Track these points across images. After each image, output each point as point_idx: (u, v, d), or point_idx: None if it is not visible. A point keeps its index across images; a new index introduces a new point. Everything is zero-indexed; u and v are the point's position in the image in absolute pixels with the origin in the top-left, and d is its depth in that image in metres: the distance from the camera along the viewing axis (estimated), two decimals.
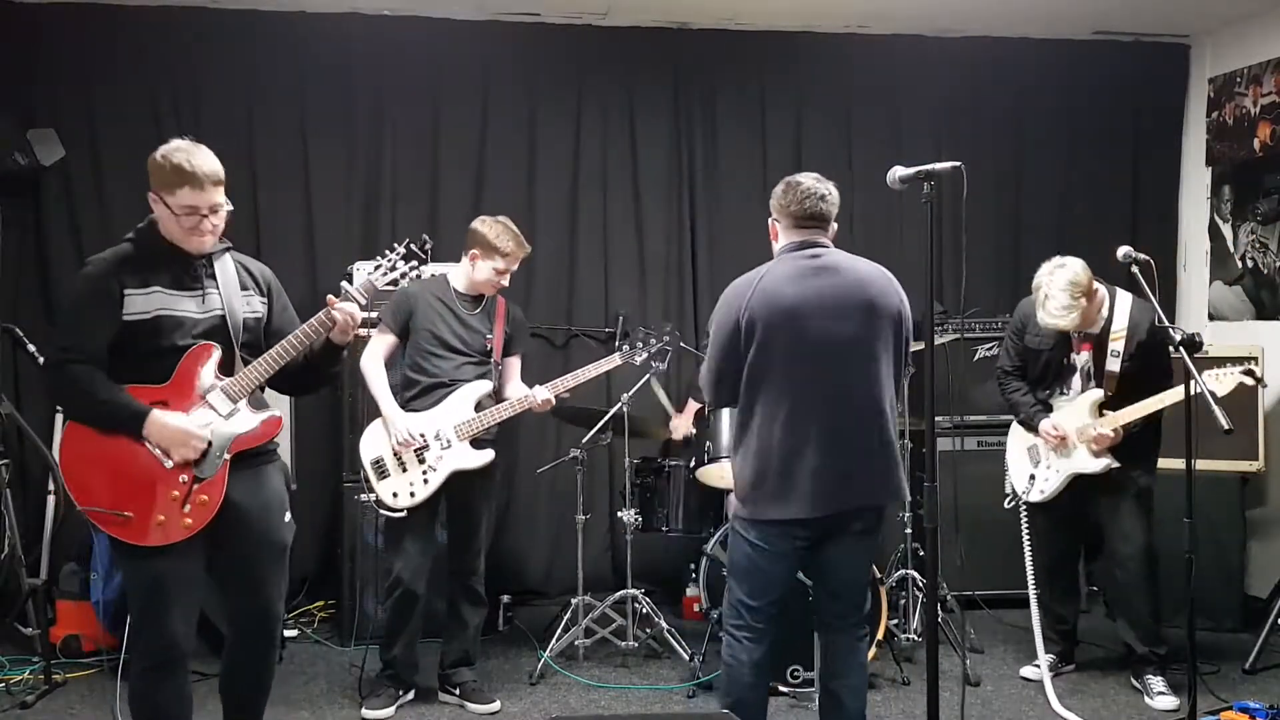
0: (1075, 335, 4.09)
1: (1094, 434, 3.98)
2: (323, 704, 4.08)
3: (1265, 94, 5.35)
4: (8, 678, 4.23)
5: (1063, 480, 4.10)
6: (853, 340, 3.00)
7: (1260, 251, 5.41)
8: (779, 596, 3.14)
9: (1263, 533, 5.14)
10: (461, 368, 3.94)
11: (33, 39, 5.06)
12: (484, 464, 3.95)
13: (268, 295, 3.02)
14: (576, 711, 4.02)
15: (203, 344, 2.81)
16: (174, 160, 2.74)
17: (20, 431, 4.75)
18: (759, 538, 3.08)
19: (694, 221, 5.66)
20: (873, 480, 3.04)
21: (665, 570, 5.48)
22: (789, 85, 5.69)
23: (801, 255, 3.06)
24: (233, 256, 2.97)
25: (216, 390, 2.82)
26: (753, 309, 2.99)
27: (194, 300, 2.82)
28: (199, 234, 2.79)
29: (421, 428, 3.87)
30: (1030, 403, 4.21)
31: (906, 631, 4.54)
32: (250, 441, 2.88)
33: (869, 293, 3.02)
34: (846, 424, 2.99)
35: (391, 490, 3.88)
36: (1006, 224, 5.86)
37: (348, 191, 5.38)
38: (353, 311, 2.91)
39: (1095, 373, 4.07)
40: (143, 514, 2.74)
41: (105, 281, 2.74)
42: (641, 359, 4.26)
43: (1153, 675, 4.09)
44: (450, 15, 5.34)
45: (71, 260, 5.08)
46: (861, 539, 3.11)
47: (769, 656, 3.15)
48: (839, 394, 2.99)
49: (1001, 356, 4.40)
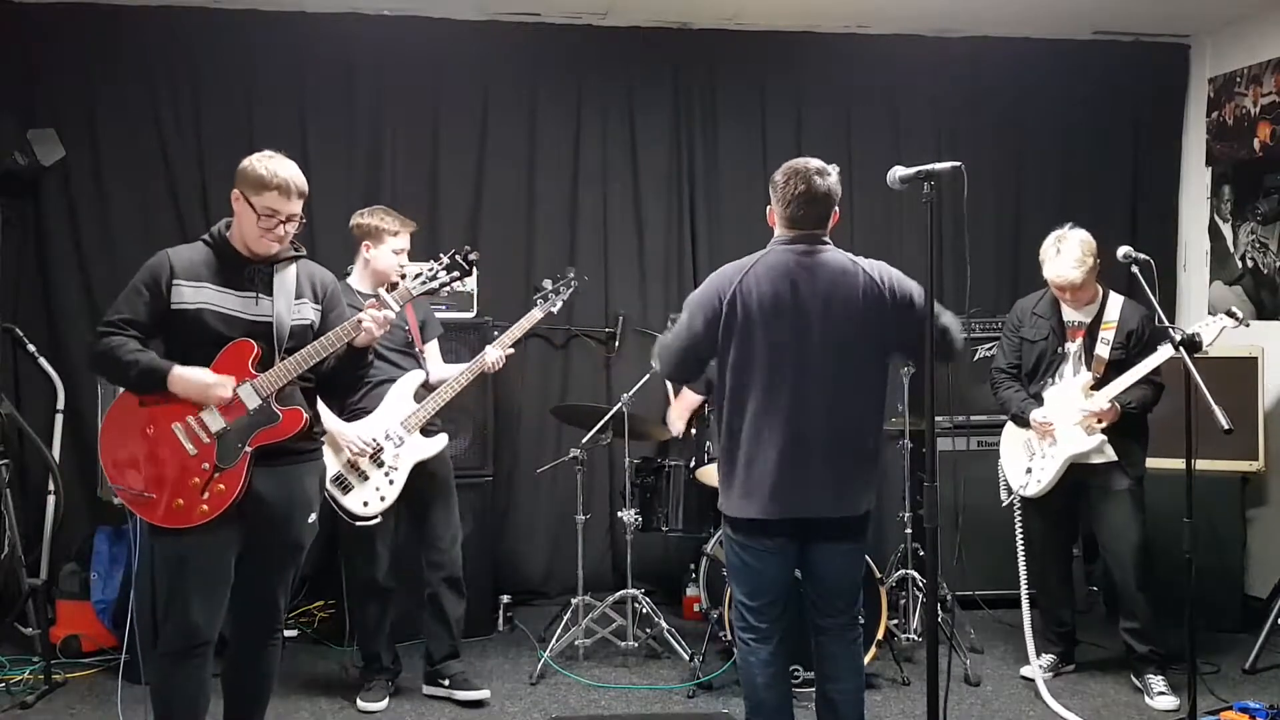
0: (1069, 325, 4.17)
1: (1092, 410, 4.00)
2: (323, 704, 4.09)
3: (1265, 94, 5.35)
4: (8, 678, 4.23)
5: (1060, 467, 4.10)
6: (831, 343, 2.95)
7: (1260, 251, 5.42)
8: (778, 598, 3.11)
9: (1263, 533, 5.14)
10: (393, 364, 3.99)
11: (33, 39, 5.06)
12: (441, 449, 4.03)
13: (321, 302, 3.12)
14: (576, 711, 4.02)
15: (244, 340, 2.93)
16: (269, 168, 2.96)
17: (20, 431, 4.76)
18: (738, 534, 3.06)
19: (694, 221, 5.65)
20: (833, 491, 2.99)
21: (665, 570, 5.48)
22: (789, 85, 5.69)
23: (793, 250, 3.01)
24: (300, 265, 3.09)
25: (246, 385, 2.92)
26: (734, 299, 2.95)
27: (244, 301, 2.96)
28: (272, 237, 2.96)
29: (370, 433, 3.88)
30: (1021, 397, 4.25)
31: (906, 631, 4.54)
32: (272, 435, 2.95)
33: (856, 294, 2.96)
34: (813, 431, 2.95)
35: (361, 500, 3.89)
36: (1006, 224, 5.86)
37: (348, 192, 5.37)
38: (387, 318, 3.04)
39: (1086, 359, 4.13)
40: (163, 496, 2.88)
41: (158, 268, 2.93)
42: (559, 307, 4.43)
43: (1153, 675, 4.09)
44: (450, 15, 5.34)
45: (71, 260, 5.10)
46: (841, 543, 3.07)
47: (781, 656, 3.13)
48: (809, 399, 2.94)
49: (997, 355, 4.46)
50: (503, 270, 5.38)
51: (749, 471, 2.98)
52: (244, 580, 3.00)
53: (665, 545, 5.44)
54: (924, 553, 4.09)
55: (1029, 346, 4.28)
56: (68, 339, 5.06)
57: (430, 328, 4.26)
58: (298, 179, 3.00)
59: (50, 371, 5.03)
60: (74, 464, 4.98)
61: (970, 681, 4.28)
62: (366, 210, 4.10)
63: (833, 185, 3.06)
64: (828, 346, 2.95)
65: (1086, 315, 4.17)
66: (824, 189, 3.03)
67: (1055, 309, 4.22)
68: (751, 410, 2.97)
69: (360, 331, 3.00)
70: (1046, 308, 4.26)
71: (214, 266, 2.97)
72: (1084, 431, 4.03)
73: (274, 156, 3.01)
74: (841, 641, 3.15)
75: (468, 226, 5.45)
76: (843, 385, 2.97)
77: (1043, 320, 4.24)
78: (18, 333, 4.97)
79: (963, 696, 4.16)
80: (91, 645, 4.49)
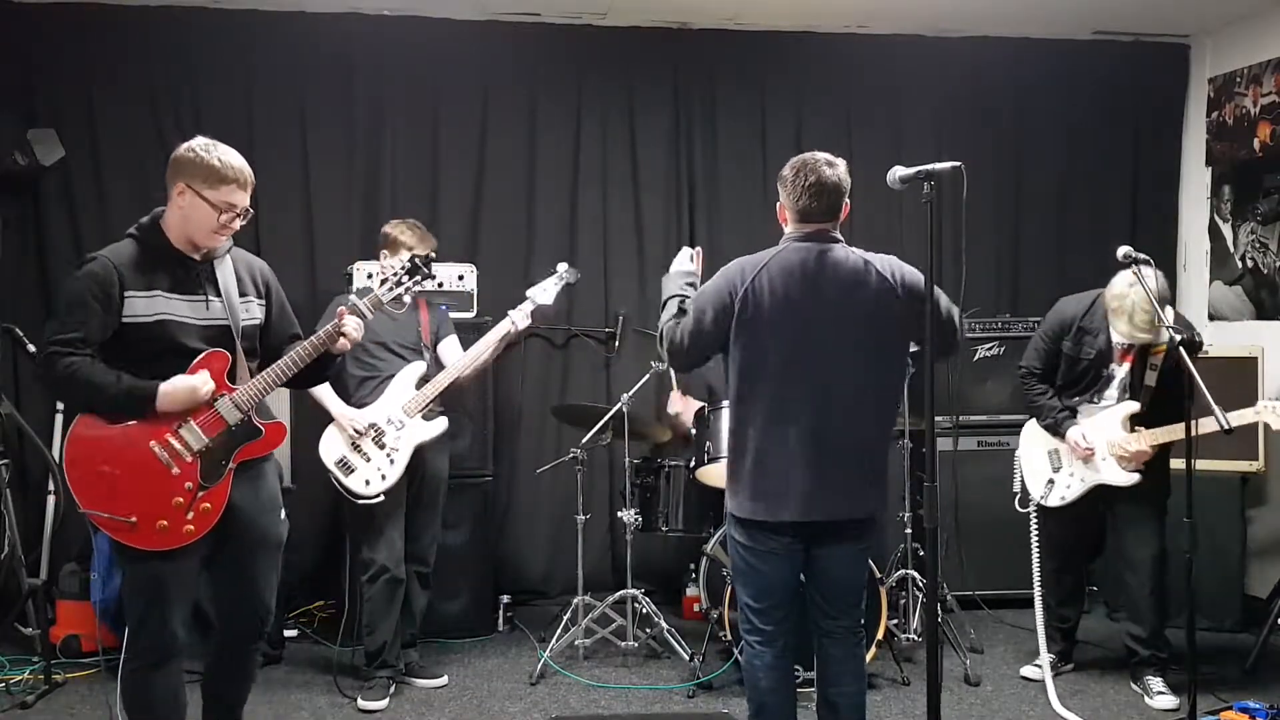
0: (1119, 346, 4.01)
1: (1131, 450, 3.91)
2: (323, 704, 4.08)
3: (1265, 94, 5.35)
4: (8, 678, 4.23)
5: (1086, 489, 4.06)
6: (846, 345, 2.93)
7: (1260, 251, 5.41)
8: (783, 600, 3.06)
9: (1263, 533, 5.13)
10: (401, 361, 4.17)
11: (33, 39, 5.06)
12: (440, 432, 4.17)
13: (266, 297, 3.04)
14: (576, 711, 4.02)
15: (215, 351, 2.83)
16: (223, 159, 2.78)
17: (20, 431, 4.75)
18: (743, 534, 3.03)
19: (694, 221, 5.65)
20: (845, 493, 2.96)
21: (665, 570, 5.48)
22: (789, 85, 5.69)
23: (805, 248, 2.97)
24: (234, 257, 2.97)
25: (225, 399, 2.84)
26: (747, 296, 2.92)
27: (195, 305, 2.83)
28: (225, 232, 2.83)
29: (371, 418, 4.07)
30: (1056, 407, 4.12)
31: (906, 631, 4.54)
32: (256, 450, 2.91)
33: (869, 295, 2.93)
34: (827, 433, 2.92)
35: (363, 479, 4.04)
36: (1006, 224, 5.86)
37: (348, 191, 5.38)
38: (359, 326, 3.01)
39: (1133, 385, 4.00)
40: (146, 519, 2.75)
41: (107, 279, 2.72)
42: (555, 296, 4.48)
43: (1153, 675, 4.09)
44: (450, 15, 5.34)
45: (72, 260, 5.05)
46: (848, 545, 3.04)
47: (786, 660, 3.10)
48: (823, 401, 2.91)
49: (1029, 356, 4.24)
50: (503, 270, 5.37)
51: (759, 472, 2.95)
52: (232, 587, 2.97)
53: (665, 545, 5.44)
54: (924, 553, 4.09)
55: (1070, 360, 4.10)
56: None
57: (444, 329, 4.38)
58: (248, 168, 2.85)
59: None
60: None
61: (970, 681, 4.28)
62: (395, 221, 4.24)
63: (842, 175, 3.01)
64: (842, 348, 2.93)
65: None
66: (834, 180, 2.99)
67: (1105, 325, 4.00)
68: (762, 412, 2.94)
69: (339, 339, 2.96)
70: (1096, 322, 4.04)
71: (157, 270, 2.78)
72: (1117, 464, 3.96)
73: (217, 145, 2.82)
74: (844, 645, 3.11)
75: (467, 226, 5.45)
76: (857, 388, 2.94)
77: (1090, 338, 4.04)
78: (17, 333, 4.96)
79: (963, 696, 4.16)
80: (91, 645, 4.48)
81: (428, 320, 4.30)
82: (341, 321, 2.96)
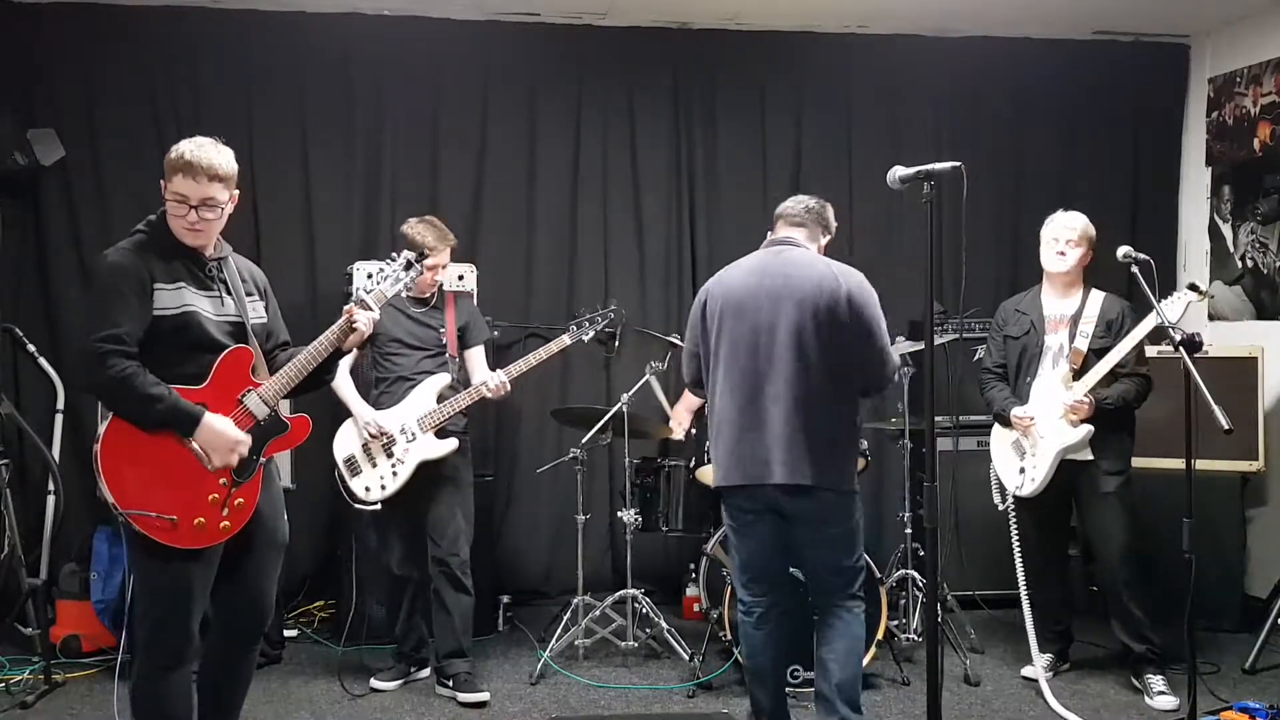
0: (1050, 318, 4.20)
1: (1070, 404, 4.01)
2: (323, 704, 4.08)
3: (1265, 94, 5.35)
4: (8, 678, 4.23)
5: (1051, 462, 4.09)
6: (779, 330, 3.22)
7: (1260, 251, 5.41)
8: (759, 576, 3.41)
9: (1263, 533, 5.14)
10: (420, 362, 4.15)
11: (33, 39, 5.06)
12: (448, 452, 4.11)
13: (264, 298, 3.08)
14: (576, 711, 4.02)
15: (240, 347, 2.86)
16: (179, 149, 2.80)
17: (20, 431, 4.76)
18: (725, 507, 3.46)
19: (694, 221, 5.65)
20: (779, 460, 3.21)
21: (665, 570, 5.49)
22: (789, 85, 5.69)
23: (766, 250, 3.41)
24: (235, 260, 3.01)
25: (252, 394, 2.87)
26: (710, 293, 3.39)
27: (211, 301, 2.86)
28: (185, 224, 2.79)
29: (388, 424, 4.07)
30: (1005, 396, 4.27)
31: (906, 631, 4.54)
32: (284, 444, 2.94)
33: (806, 289, 3.22)
34: (759, 406, 3.24)
35: (364, 485, 4.07)
36: (1006, 224, 5.85)
37: (348, 191, 5.37)
38: (373, 319, 3.02)
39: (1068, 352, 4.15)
40: (184, 517, 2.74)
41: (138, 271, 2.73)
42: (589, 336, 4.50)
43: (1153, 674, 4.09)
44: (450, 15, 5.34)
45: (71, 260, 5.09)
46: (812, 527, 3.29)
47: (765, 632, 3.41)
48: (757, 379, 3.25)
49: (984, 355, 4.50)
50: (502, 270, 5.38)
51: (715, 444, 3.37)
52: (238, 587, 2.97)
53: (665, 545, 5.44)
54: (924, 553, 4.09)
55: (1012, 343, 4.30)
56: (68, 339, 5.05)
57: (473, 335, 4.29)
58: (208, 159, 2.75)
59: (50, 371, 5.02)
60: (74, 464, 4.96)
61: (970, 681, 4.28)
62: (415, 219, 4.18)
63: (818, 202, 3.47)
64: (774, 332, 3.24)
65: (1068, 308, 4.17)
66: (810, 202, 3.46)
67: (1037, 303, 4.24)
68: (721, 390, 3.33)
69: (352, 334, 2.97)
70: (1028, 303, 4.29)
71: (175, 264, 2.79)
72: (1068, 424, 4.04)
73: (195, 140, 2.81)
74: (834, 612, 3.37)
75: (467, 226, 5.44)
76: (786, 367, 3.22)
77: (1024, 315, 4.26)
78: (17, 333, 4.97)
79: (963, 696, 4.16)
80: (91, 645, 4.49)
81: (453, 320, 4.23)
82: (352, 316, 2.97)
